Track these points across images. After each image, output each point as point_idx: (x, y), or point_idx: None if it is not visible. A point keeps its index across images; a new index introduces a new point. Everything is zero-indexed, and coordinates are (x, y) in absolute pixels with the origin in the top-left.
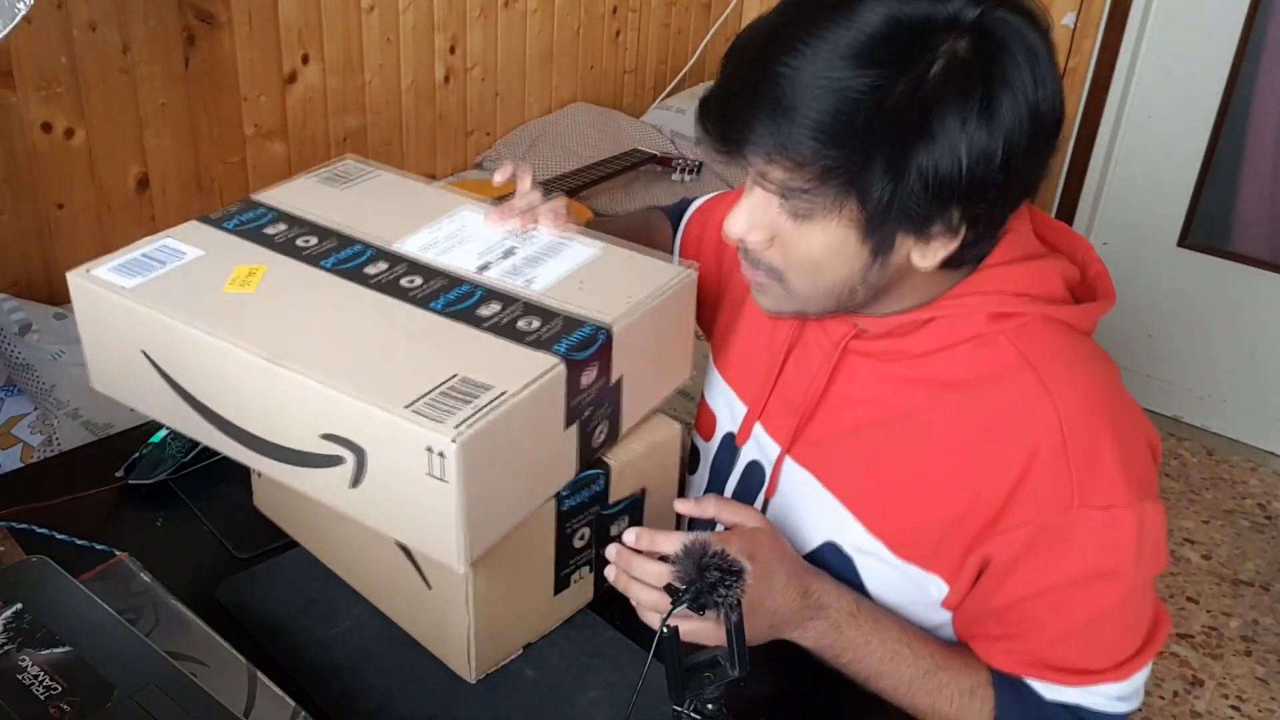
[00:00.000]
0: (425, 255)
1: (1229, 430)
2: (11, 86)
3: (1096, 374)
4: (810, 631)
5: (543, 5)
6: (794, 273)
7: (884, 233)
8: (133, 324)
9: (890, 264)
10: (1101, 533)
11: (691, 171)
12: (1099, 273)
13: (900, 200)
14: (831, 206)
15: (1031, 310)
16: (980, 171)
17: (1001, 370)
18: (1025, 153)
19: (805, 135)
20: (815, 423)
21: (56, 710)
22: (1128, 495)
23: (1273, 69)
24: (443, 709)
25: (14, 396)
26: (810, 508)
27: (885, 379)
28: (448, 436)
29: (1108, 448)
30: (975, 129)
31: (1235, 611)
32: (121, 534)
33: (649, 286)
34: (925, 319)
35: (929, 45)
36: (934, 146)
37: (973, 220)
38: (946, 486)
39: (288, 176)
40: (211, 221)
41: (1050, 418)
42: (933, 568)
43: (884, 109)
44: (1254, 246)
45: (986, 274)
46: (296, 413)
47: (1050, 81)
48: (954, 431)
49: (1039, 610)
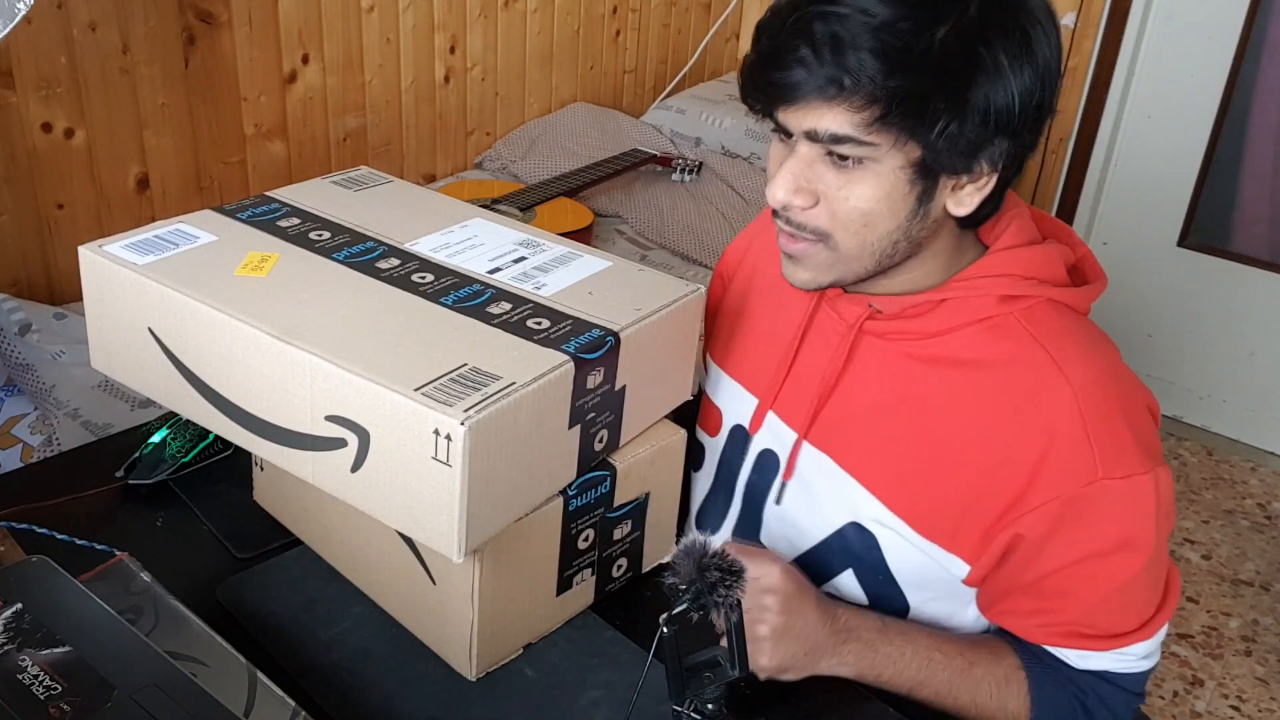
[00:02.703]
0: (437, 256)
1: (1229, 430)
2: (11, 86)
3: (1102, 350)
4: (848, 657)
5: (543, 5)
6: (841, 230)
7: (932, 175)
8: (141, 300)
9: (930, 213)
10: (1125, 502)
11: (691, 171)
12: (1085, 254)
13: (961, 134)
14: (889, 149)
15: (1038, 293)
16: (1026, 106)
17: (1015, 350)
18: (1049, 92)
19: (868, 67)
20: (831, 405)
21: (56, 710)
22: (1143, 462)
23: (1273, 69)
24: (443, 709)
25: (14, 396)
26: (829, 489)
27: (900, 358)
28: (456, 419)
29: (1120, 419)
30: (1021, 64)
31: (1235, 611)
32: (121, 534)
33: (657, 300)
34: (938, 300)
35: None
36: (991, 80)
37: (1007, 160)
38: (965, 465)
39: (288, 176)
40: (225, 211)
41: (1066, 395)
42: (952, 548)
43: (936, 45)
44: (1254, 246)
45: (995, 258)
46: (301, 393)
47: (1056, 29)
48: (970, 410)
49: (1071, 582)
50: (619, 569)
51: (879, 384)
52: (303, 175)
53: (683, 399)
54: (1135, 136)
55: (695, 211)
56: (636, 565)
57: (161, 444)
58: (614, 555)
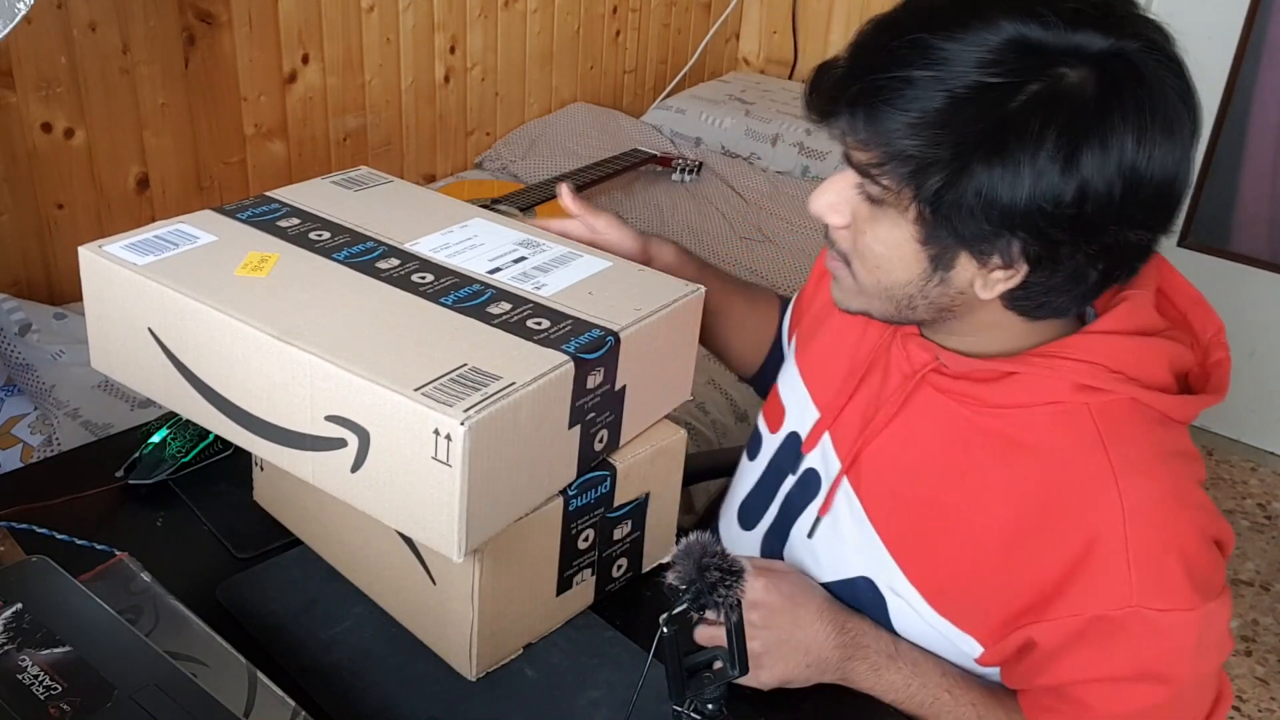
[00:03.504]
0: (437, 256)
1: (1229, 430)
2: (11, 86)
3: (1175, 469)
4: (851, 676)
5: (543, 5)
6: (858, 262)
7: (941, 242)
8: (141, 300)
9: (952, 283)
10: (1158, 636)
11: (691, 171)
12: (1219, 361)
13: (952, 207)
14: (898, 196)
15: (1122, 390)
16: (1043, 210)
17: (1074, 445)
18: (1108, 210)
19: (889, 120)
20: (877, 446)
21: (56, 710)
22: (1189, 599)
23: (1273, 69)
24: (443, 709)
25: (14, 396)
26: (855, 537)
27: (956, 420)
28: (456, 419)
29: (1173, 548)
30: (1046, 165)
31: (1235, 611)
32: (121, 534)
33: (657, 300)
34: (1006, 370)
35: (1040, 67)
36: (999, 165)
37: (1035, 261)
38: (996, 553)
39: (288, 176)
40: (225, 211)
41: (1114, 507)
42: (968, 628)
43: (965, 113)
44: (1254, 246)
45: (1085, 339)
46: (301, 393)
47: (1158, 146)
48: (1014, 495)
49: (1086, 696)
50: (619, 569)
51: (929, 440)
52: (303, 175)
53: (683, 399)
54: None
55: (695, 211)
56: (636, 565)
57: (161, 444)
58: (614, 555)
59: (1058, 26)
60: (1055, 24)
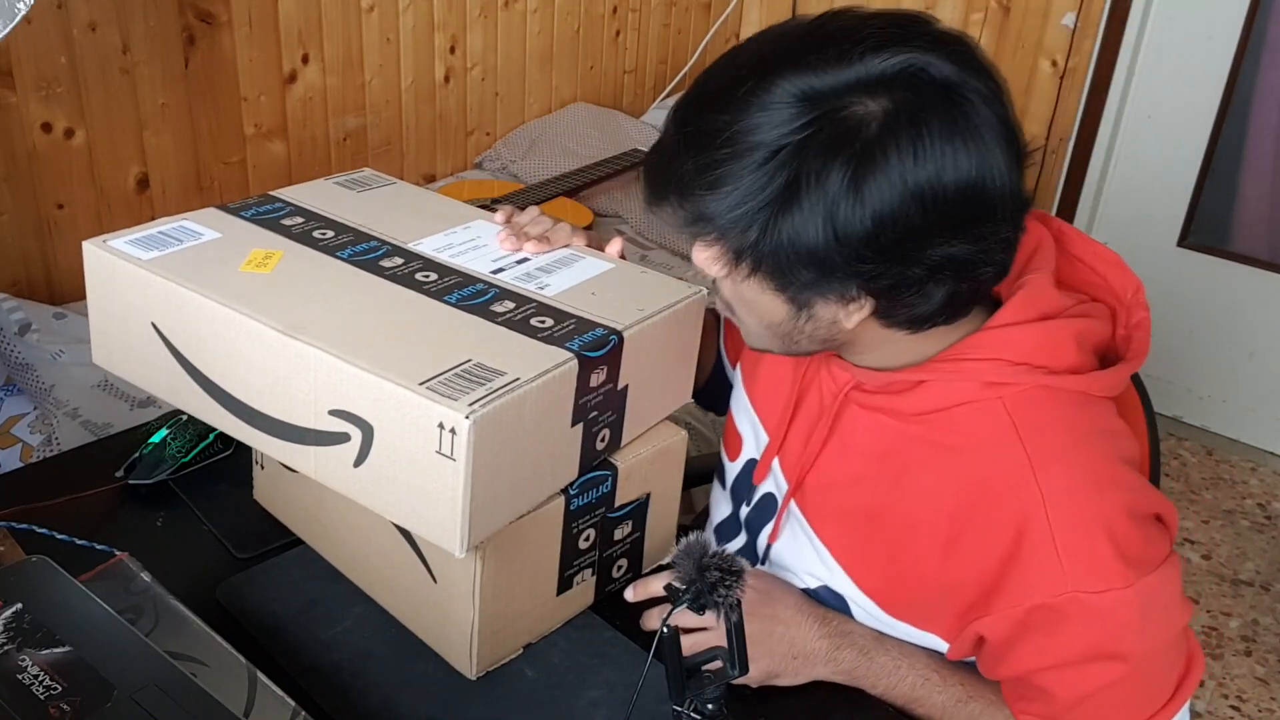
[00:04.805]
0: (440, 255)
1: (1229, 430)
2: (11, 86)
3: (1092, 452)
4: (843, 664)
5: (543, 5)
6: (740, 308)
7: (787, 290)
8: (145, 294)
9: (820, 319)
10: (1099, 617)
11: None
12: (1140, 321)
13: (773, 261)
14: (735, 259)
15: (1028, 380)
16: (850, 245)
17: (991, 440)
18: (914, 230)
19: (701, 204)
20: (818, 468)
21: (56, 710)
22: (1125, 576)
23: (1273, 69)
24: (443, 709)
25: (14, 396)
26: (806, 556)
27: (886, 431)
28: (461, 413)
29: (1099, 529)
30: (838, 202)
31: (1235, 611)
32: (121, 534)
33: (660, 301)
34: (916, 380)
35: (827, 111)
36: (797, 213)
37: (874, 291)
38: (936, 554)
39: (288, 176)
40: (229, 210)
41: (1035, 497)
42: (927, 627)
43: (767, 177)
44: (1254, 246)
45: (986, 336)
46: (305, 387)
47: (947, 156)
48: (946, 496)
49: (1046, 682)
50: (619, 569)
51: (864, 454)
52: (303, 175)
53: (684, 400)
54: (1135, 137)
55: None
56: (637, 566)
57: (161, 444)
58: (614, 555)
59: (830, 68)
60: (826, 67)
